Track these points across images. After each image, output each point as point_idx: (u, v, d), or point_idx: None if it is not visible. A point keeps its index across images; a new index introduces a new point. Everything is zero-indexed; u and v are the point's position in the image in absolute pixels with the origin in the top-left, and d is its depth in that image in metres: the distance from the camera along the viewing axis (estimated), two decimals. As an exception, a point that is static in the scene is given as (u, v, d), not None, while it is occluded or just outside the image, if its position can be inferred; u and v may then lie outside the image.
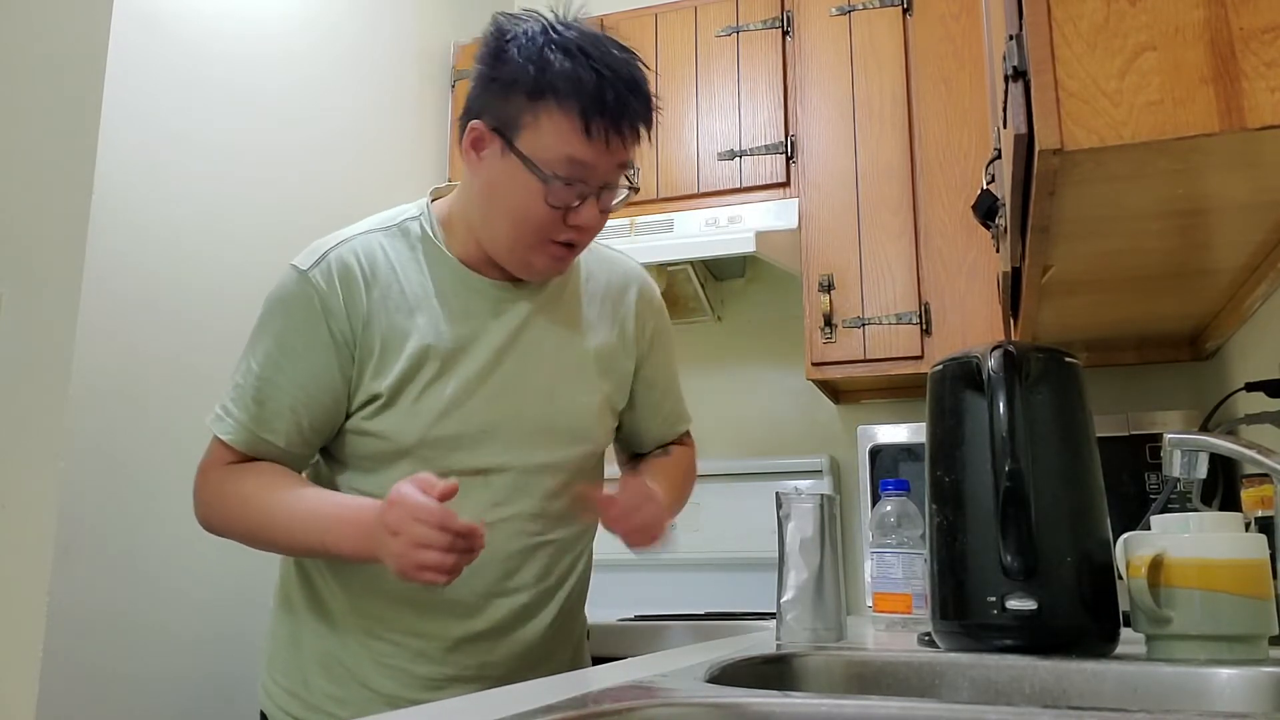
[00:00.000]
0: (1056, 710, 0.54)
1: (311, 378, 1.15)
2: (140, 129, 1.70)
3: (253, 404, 1.16)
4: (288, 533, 1.14)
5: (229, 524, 1.18)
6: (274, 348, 1.16)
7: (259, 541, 1.17)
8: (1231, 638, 0.86)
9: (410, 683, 1.17)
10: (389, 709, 1.14)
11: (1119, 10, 0.82)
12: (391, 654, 1.17)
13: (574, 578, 1.30)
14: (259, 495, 1.15)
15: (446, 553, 1.00)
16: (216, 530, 1.20)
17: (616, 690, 0.62)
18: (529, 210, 1.13)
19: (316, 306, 1.15)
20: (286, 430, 1.16)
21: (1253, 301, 1.41)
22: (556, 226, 1.14)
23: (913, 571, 1.47)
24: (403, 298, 1.18)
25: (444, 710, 0.63)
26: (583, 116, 1.10)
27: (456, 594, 1.17)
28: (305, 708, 1.19)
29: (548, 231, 1.15)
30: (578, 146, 1.11)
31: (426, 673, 1.17)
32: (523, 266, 1.19)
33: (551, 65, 1.09)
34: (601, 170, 1.14)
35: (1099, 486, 0.96)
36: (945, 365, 1.02)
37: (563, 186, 1.12)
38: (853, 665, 0.88)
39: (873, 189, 2.17)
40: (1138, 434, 1.85)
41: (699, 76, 2.38)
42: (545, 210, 1.13)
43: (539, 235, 1.15)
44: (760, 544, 2.28)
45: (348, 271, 1.16)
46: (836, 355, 2.12)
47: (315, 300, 1.15)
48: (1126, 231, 1.11)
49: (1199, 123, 0.79)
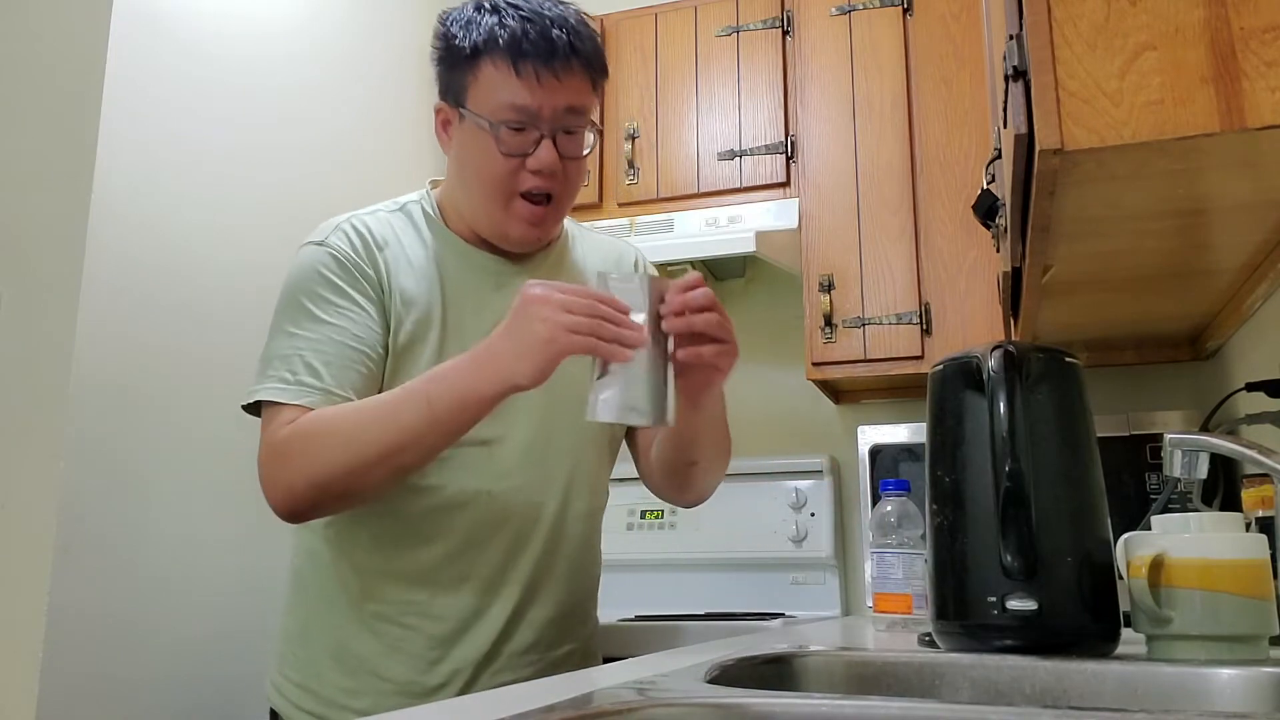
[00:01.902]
0: (1057, 710, 0.54)
1: (364, 329, 1.15)
2: (140, 129, 1.70)
3: (319, 365, 1.12)
4: (393, 417, 1.06)
5: (324, 459, 1.07)
6: (317, 308, 1.15)
7: (360, 454, 1.06)
8: (1232, 638, 0.86)
9: (424, 669, 1.16)
10: (402, 698, 1.13)
11: (1119, 10, 0.82)
12: (404, 638, 1.16)
13: (583, 557, 1.28)
14: (346, 414, 1.09)
15: (591, 317, 0.97)
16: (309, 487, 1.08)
17: (616, 690, 0.62)
18: (488, 166, 1.17)
19: (346, 263, 1.17)
20: (350, 383, 1.13)
21: (1253, 301, 1.41)
22: (518, 176, 1.17)
23: (913, 572, 1.47)
24: (409, 265, 1.20)
25: (444, 710, 0.63)
26: (511, 60, 1.14)
27: (467, 568, 1.17)
28: (318, 702, 1.18)
29: (511, 184, 1.17)
30: (514, 90, 1.15)
31: (439, 657, 1.16)
32: (502, 234, 1.22)
33: (479, 25, 1.16)
34: (546, 112, 1.16)
35: (1099, 486, 0.96)
36: (945, 365, 1.02)
37: (511, 133, 1.15)
38: (853, 665, 0.88)
39: (873, 189, 2.17)
40: (1138, 434, 1.85)
41: (699, 76, 2.38)
42: (502, 161, 1.16)
43: (504, 190, 1.17)
44: (761, 544, 2.28)
45: (360, 236, 1.20)
46: (836, 355, 2.12)
47: (343, 259, 1.18)
48: (1126, 231, 1.11)
49: (1199, 122, 0.79)
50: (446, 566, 1.17)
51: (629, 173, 2.37)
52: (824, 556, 2.24)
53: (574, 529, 1.25)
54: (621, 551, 2.37)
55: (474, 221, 1.24)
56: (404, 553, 1.18)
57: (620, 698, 0.58)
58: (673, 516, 2.38)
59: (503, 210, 1.19)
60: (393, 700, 1.14)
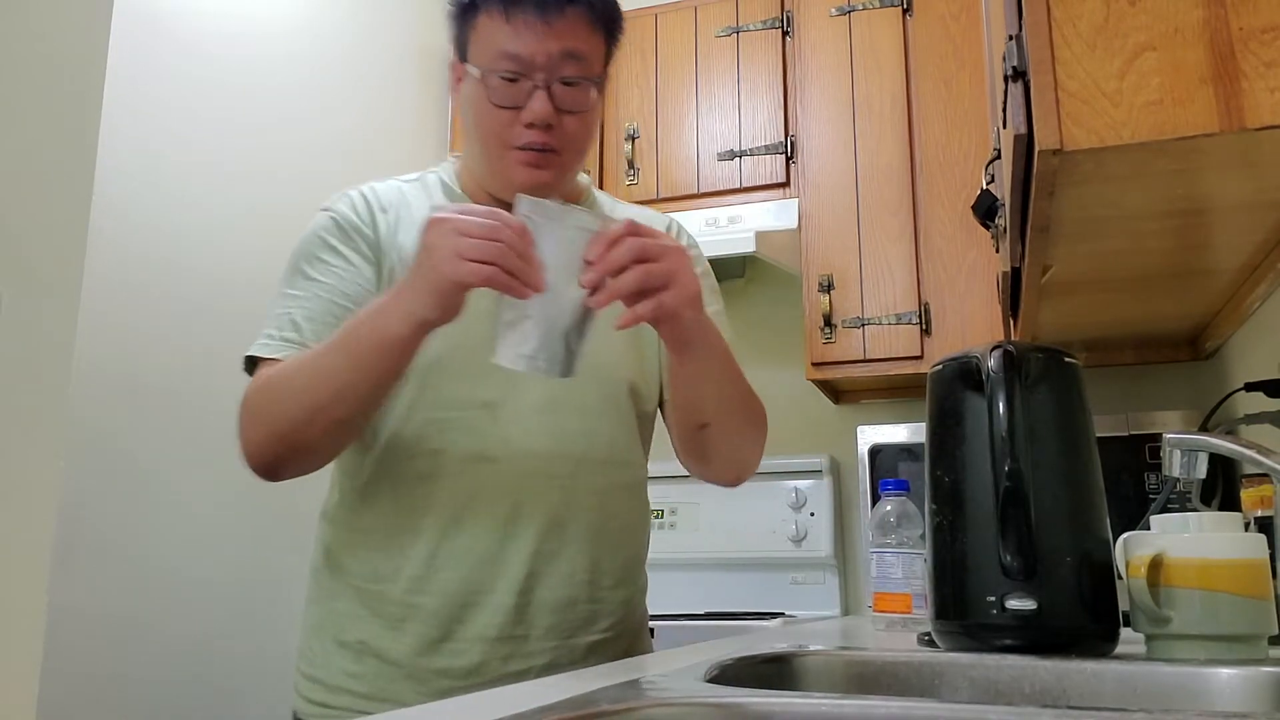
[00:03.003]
0: (1057, 710, 0.54)
1: (353, 285, 1.14)
2: (140, 129, 1.70)
3: (303, 321, 1.11)
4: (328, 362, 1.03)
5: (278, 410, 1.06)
6: (310, 269, 1.15)
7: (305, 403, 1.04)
8: (1231, 638, 0.86)
9: (427, 650, 1.11)
10: (406, 682, 1.11)
11: (1118, 10, 0.82)
12: (404, 616, 1.11)
13: (607, 534, 1.18)
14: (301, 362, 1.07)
15: (490, 240, 0.90)
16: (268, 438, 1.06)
17: (616, 690, 0.62)
18: (483, 118, 1.13)
19: (344, 225, 1.17)
20: None
21: (1252, 301, 1.41)
22: (513, 129, 1.12)
23: (913, 571, 1.47)
24: (413, 227, 1.14)
25: (444, 710, 0.63)
26: (503, 8, 1.11)
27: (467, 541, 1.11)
28: (327, 691, 1.15)
29: (505, 137, 1.12)
30: (506, 38, 1.11)
31: (442, 636, 1.11)
32: (504, 181, 1.15)
33: None
34: (539, 60, 1.11)
35: (1099, 486, 0.96)
36: (945, 365, 1.02)
37: (502, 83, 1.11)
38: (853, 665, 0.88)
39: (872, 189, 2.17)
40: (1137, 434, 1.85)
41: (699, 76, 2.38)
42: (494, 113, 1.12)
43: (500, 142, 1.13)
44: (760, 544, 2.28)
45: (364, 200, 1.19)
46: (836, 355, 2.12)
47: (341, 221, 1.17)
48: (1126, 231, 1.11)
49: (1199, 123, 0.79)
50: (445, 539, 1.12)
51: (629, 173, 2.37)
52: (824, 556, 2.24)
53: (590, 501, 1.16)
54: (621, 551, 2.37)
55: (484, 181, 1.20)
56: (402, 523, 1.13)
57: (620, 698, 0.58)
58: (673, 516, 2.38)
59: (500, 163, 1.14)
60: (396, 685, 1.11)
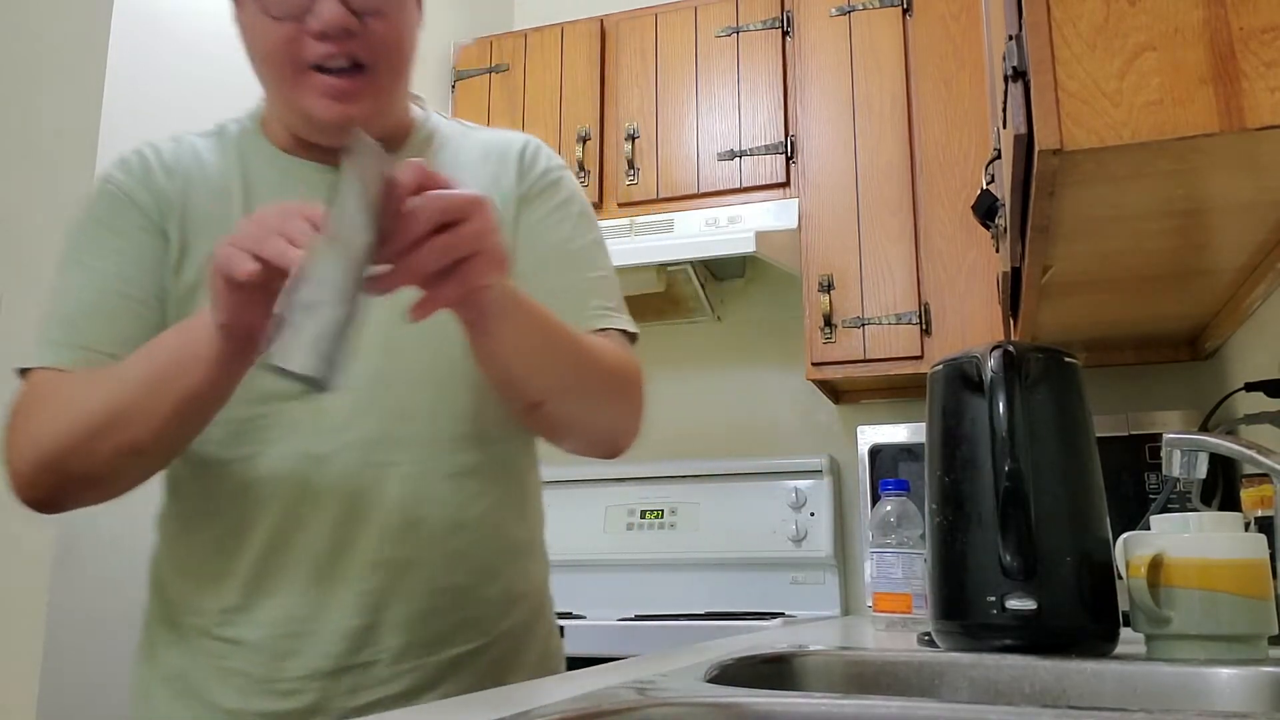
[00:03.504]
0: (1057, 710, 0.54)
1: (134, 267, 0.95)
2: (140, 129, 1.70)
3: (78, 316, 0.93)
4: (117, 377, 0.87)
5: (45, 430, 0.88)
6: (84, 253, 0.97)
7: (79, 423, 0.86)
8: (1231, 638, 0.86)
9: (256, 693, 0.92)
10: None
11: (1119, 10, 0.82)
12: (226, 655, 0.93)
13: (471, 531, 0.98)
14: (77, 376, 0.90)
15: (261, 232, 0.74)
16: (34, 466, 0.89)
17: (616, 690, 0.62)
18: (263, 38, 0.94)
19: (120, 196, 0.98)
20: (118, 334, 0.93)
21: (1252, 301, 1.41)
22: (300, 43, 0.93)
23: (913, 571, 1.47)
24: (207, 188, 1.00)
25: (442, 710, 0.63)
26: None
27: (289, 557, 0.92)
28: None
29: (292, 55, 0.93)
30: None
31: (271, 676, 0.92)
32: (305, 119, 0.97)
33: None
34: None
35: (1099, 486, 0.96)
36: (945, 365, 1.02)
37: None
38: (853, 665, 0.88)
39: (872, 189, 2.18)
40: (1137, 434, 1.85)
41: (699, 76, 2.38)
42: (274, 27, 0.93)
43: (290, 65, 0.93)
44: (760, 544, 2.28)
45: (144, 161, 1.01)
46: (836, 355, 2.12)
47: (117, 192, 0.99)
48: (1126, 231, 1.11)
49: (1199, 123, 0.79)
50: (267, 559, 0.93)
51: (629, 173, 2.37)
52: (824, 556, 2.24)
53: (444, 494, 0.96)
54: (621, 551, 2.37)
55: (285, 119, 1.01)
56: (215, 544, 0.95)
57: (620, 698, 0.58)
58: (673, 517, 2.38)
59: (295, 90, 0.94)
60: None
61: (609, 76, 2.46)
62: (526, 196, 1.06)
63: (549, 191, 1.07)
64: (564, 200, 1.08)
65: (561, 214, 1.07)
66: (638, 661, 0.92)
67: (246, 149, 1.03)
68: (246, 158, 1.02)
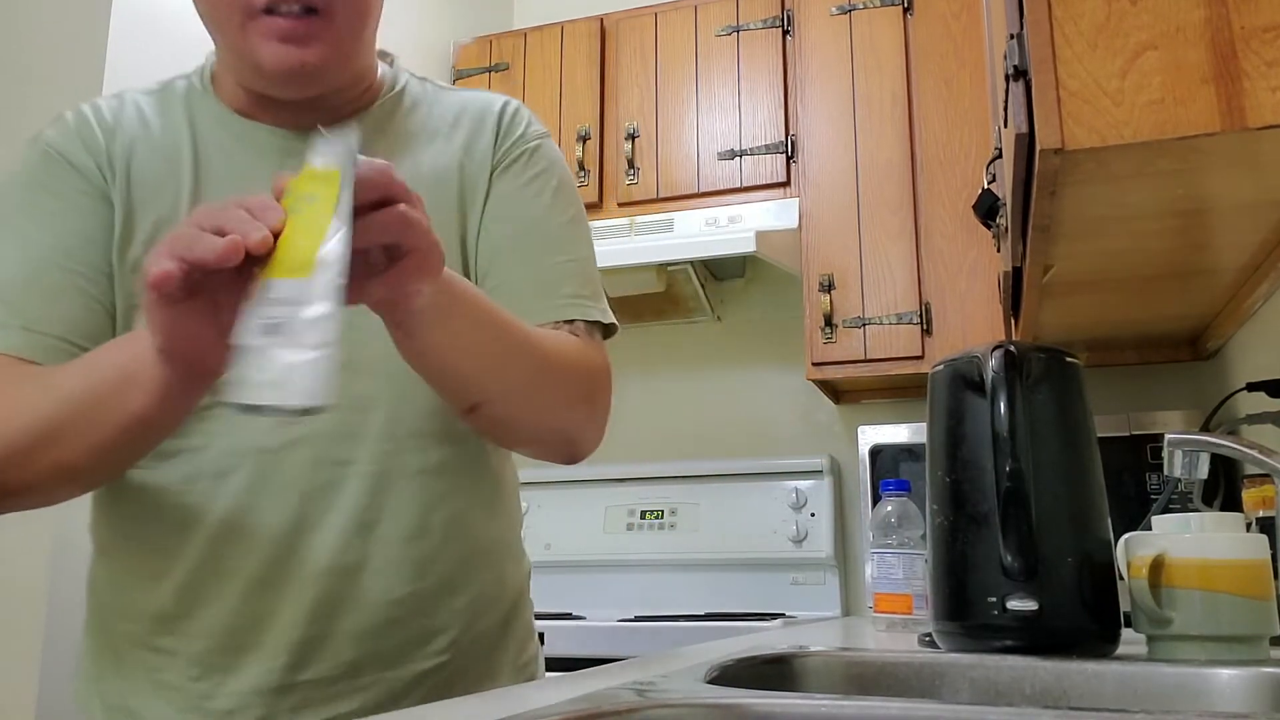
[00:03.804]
0: (1057, 711, 0.54)
1: (74, 235, 0.86)
2: (140, 129, 1.70)
3: (13, 291, 0.83)
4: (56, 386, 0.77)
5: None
6: (18, 216, 0.88)
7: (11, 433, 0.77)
8: (1232, 638, 0.86)
9: (190, 708, 0.84)
10: None
11: (1120, 9, 0.82)
12: (161, 667, 0.85)
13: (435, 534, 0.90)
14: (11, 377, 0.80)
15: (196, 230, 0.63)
16: None
17: (616, 690, 0.62)
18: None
19: (54, 157, 0.89)
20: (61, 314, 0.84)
21: (1254, 301, 1.41)
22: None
23: (913, 572, 1.46)
24: (151, 150, 0.91)
25: (441, 711, 0.63)
26: None
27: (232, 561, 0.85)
28: None
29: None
30: None
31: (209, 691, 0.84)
32: (255, 68, 0.87)
33: None
34: None
35: (1100, 487, 0.96)
36: (946, 365, 1.02)
37: None
38: (853, 666, 0.88)
39: (873, 188, 2.17)
40: (1138, 434, 1.85)
41: (699, 76, 2.38)
42: None
43: (240, 8, 0.84)
44: (760, 544, 2.28)
45: (82, 119, 0.92)
46: (837, 355, 2.12)
47: (52, 152, 0.90)
48: (1127, 231, 1.11)
49: (1200, 122, 0.79)
50: (206, 562, 0.85)
51: (629, 172, 2.37)
52: (824, 556, 2.24)
53: (407, 495, 0.88)
54: (621, 551, 2.37)
55: (236, 72, 0.91)
56: (151, 544, 0.87)
57: (620, 698, 0.58)
58: (673, 517, 2.38)
59: (245, 38, 0.84)
60: None
61: (609, 76, 2.46)
62: (501, 161, 0.97)
63: (525, 159, 0.98)
64: (541, 171, 0.98)
65: (538, 186, 0.97)
66: (638, 662, 0.92)
67: (196, 109, 0.93)
68: (196, 118, 0.93)
